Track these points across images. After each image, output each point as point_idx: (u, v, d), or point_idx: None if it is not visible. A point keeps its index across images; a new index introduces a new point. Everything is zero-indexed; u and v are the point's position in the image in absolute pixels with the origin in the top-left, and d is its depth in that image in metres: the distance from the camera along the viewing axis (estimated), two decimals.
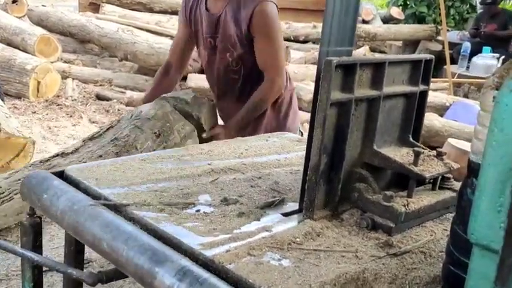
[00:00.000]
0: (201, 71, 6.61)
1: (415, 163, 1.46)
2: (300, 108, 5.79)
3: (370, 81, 1.48)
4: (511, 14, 8.75)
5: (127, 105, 6.64)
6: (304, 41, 8.24)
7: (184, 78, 6.55)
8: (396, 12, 10.38)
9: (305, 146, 1.97)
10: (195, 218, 1.44)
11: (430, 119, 5.12)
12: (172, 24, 7.89)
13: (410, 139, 1.61)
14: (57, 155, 2.56)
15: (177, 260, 1.24)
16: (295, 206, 1.55)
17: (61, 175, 1.65)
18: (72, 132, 6.33)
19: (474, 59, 7.08)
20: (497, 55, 6.93)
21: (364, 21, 9.78)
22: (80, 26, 7.65)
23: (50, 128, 6.38)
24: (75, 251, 1.69)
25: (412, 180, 1.47)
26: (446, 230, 1.47)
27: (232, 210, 1.49)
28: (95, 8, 9.35)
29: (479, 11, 9.97)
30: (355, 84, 1.42)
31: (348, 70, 1.41)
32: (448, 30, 9.39)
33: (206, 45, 2.91)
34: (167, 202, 1.50)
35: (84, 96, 7.07)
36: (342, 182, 1.47)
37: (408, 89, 1.58)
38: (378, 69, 1.48)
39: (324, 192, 1.46)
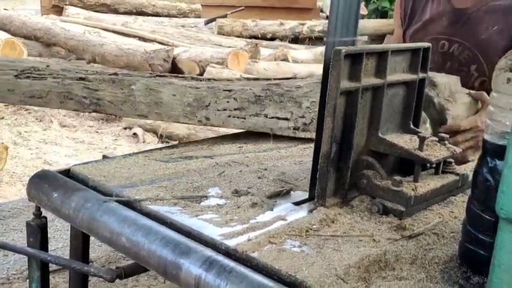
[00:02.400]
0: (172, 71, 6.61)
1: (421, 148, 1.49)
2: None
3: (375, 69, 1.51)
4: None
5: None
6: (272, 38, 8.28)
7: None
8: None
9: (299, 139, 2.01)
10: (209, 210, 1.45)
11: None
12: (139, 25, 7.84)
13: (411, 126, 1.65)
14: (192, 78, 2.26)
15: (201, 250, 1.25)
16: (304, 195, 1.57)
17: (67, 174, 1.64)
18: (43, 136, 6.25)
19: None
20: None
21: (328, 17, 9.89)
22: (45, 29, 7.55)
23: (20, 134, 6.28)
24: (82, 249, 1.68)
25: (418, 165, 1.51)
26: (452, 212, 1.52)
27: (245, 201, 1.50)
28: (58, 10, 9.22)
29: None
30: (362, 73, 1.45)
31: (355, 59, 1.44)
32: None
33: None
34: (180, 196, 1.51)
35: None
36: (350, 170, 1.50)
37: (408, 77, 1.62)
38: (381, 57, 1.51)
39: (333, 180, 1.49)
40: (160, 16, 8.98)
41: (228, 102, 2.04)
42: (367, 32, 8.88)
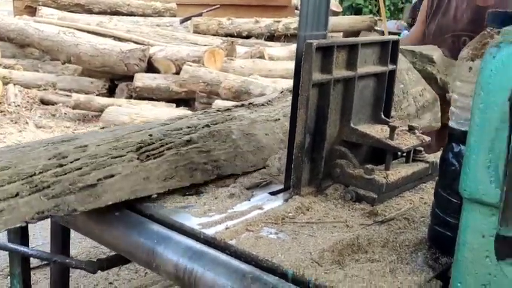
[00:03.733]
0: (148, 70, 6.61)
1: (391, 137, 1.55)
2: None
3: (346, 62, 1.57)
4: None
5: (74, 108, 6.54)
6: (248, 36, 8.31)
7: (132, 78, 6.52)
8: (334, 5, 10.61)
9: None
10: (188, 202, 1.49)
11: None
12: (114, 24, 7.80)
13: (382, 116, 1.71)
14: (242, 105, 2.06)
15: (181, 240, 1.29)
16: (280, 186, 1.62)
17: None
18: (19, 138, 6.20)
19: None
20: None
21: None
22: (18, 30, 7.47)
23: None
24: (62, 244, 1.71)
25: (389, 154, 1.57)
26: (422, 198, 1.58)
27: (223, 192, 1.54)
28: (32, 11, 9.12)
29: (413, 0, 10.32)
30: (333, 65, 1.50)
31: (326, 52, 1.49)
32: (382, 20, 9.70)
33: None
34: None
35: (27, 102, 6.92)
36: (324, 160, 1.54)
37: (379, 69, 1.67)
38: (352, 50, 1.57)
39: (308, 169, 1.53)
40: (135, 15, 8.94)
41: None
42: (342, 29, 8.96)
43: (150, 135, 1.64)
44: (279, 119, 1.92)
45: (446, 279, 1.20)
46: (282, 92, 2.21)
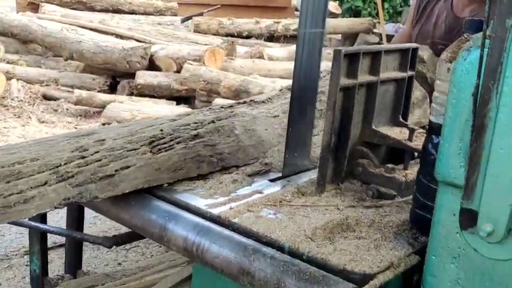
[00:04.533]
0: (150, 68, 6.75)
1: (410, 139, 1.67)
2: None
3: (369, 68, 1.68)
4: None
5: (76, 104, 6.67)
6: (248, 37, 8.45)
7: (134, 75, 6.65)
8: (334, 7, 10.76)
9: None
10: (195, 186, 1.65)
11: None
12: (117, 22, 7.94)
13: (400, 119, 1.82)
14: (244, 102, 2.21)
15: (189, 217, 1.45)
16: (278, 174, 1.78)
17: None
18: (22, 132, 6.33)
19: None
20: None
21: None
22: (22, 26, 7.59)
23: None
24: (77, 221, 1.85)
25: (408, 154, 1.69)
26: None
27: (226, 178, 1.70)
28: (34, 7, 9.24)
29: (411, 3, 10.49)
30: (359, 71, 1.62)
31: (352, 58, 1.60)
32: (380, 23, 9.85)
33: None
34: None
35: (30, 97, 7.04)
36: (347, 159, 1.67)
37: (399, 74, 1.78)
38: (375, 57, 1.68)
39: (332, 168, 1.65)
40: (136, 14, 9.07)
41: None
42: (341, 31, 9.11)
43: (161, 130, 1.79)
44: (278, 115, 2.07)
45: (423, 255, 1.36)
46: (281, 89, 2.36)
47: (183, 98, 6.67)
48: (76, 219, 1.88)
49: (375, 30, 9.10)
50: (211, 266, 1.38)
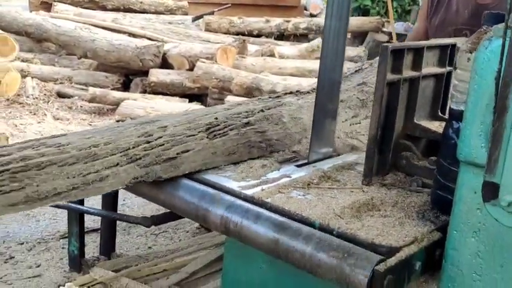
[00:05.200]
0: (162, 66, 6.86)
1: None
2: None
3: (412, 63, 1.75)
4: None
5: (90, 101, 6.77)
6: (258, 35, 8.55)
7: (147, 73, 6.76)
8: None
9: None
10: (228, 170, 1.76)
11: None
12: (129, 21, 8.06)
13: (439, 113, 1.90)
14: (291, 93, 2.35)
15: (225, 198, 1.55)
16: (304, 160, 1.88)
17: None
18: (39, 129, 6.44)
19: None
20: None
21: (312, 15, 10.23)
22: (36, 25, 7.71)
23: (16, 126, 6.47)
24: (112, 202, 1.96)
25: None
26: None
27: (256, 163, 1.81)
28: (47, 7, 9.36)
29: (420, 3, 10.56)
30: (403, 66, 1.69)
31: (397, 54, 1.68)
32: (389, 21, 9.92)
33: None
34: None
35: (45, 94, 7.16)
36: (391, 152, 1.74)
37: (438, 70, 1.86)
38: (417, 53, 1.76)
39: (377, 160, 1.72)
40: (147, 13, 9.19)
41: None
42: (350, 29, 9.15)
43: (216, 118, 1.98)
44: None
45: (444, 232, 1.47)
46: None
47: (195, 96, 6.77)
48: (111, 203, 1.99)
49: (384, 29, 9.17)
50: (248, 241, 1.49)
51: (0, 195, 1.43)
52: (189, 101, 6.54)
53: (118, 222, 2.25)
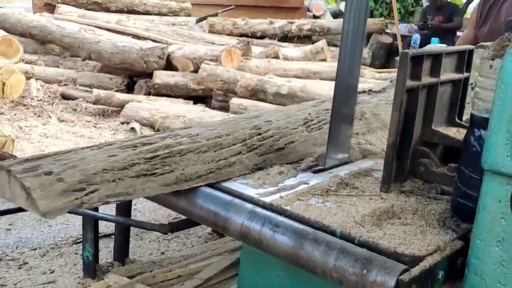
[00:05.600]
0: (166, 68, 6.85)
1: None
2: (264, 100, 6.14)
3: (430, 69, 1.74)
4: (455, 6, 9.37)
5: (94, 103, 6.77)
6: (261, 37, 8.55)
7: (151, 75, 6.76)
8: None
9: None
10: (245, 177, 1.75)
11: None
12: (133, 23, 8.05)
13: (457, 119, 1.89)
14: (364, 92, 2.49)
15: (243, 205, 1.54)
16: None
17: None
18: (44, 131, 6.43)
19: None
20: (444, 45, 7.41)
21: (315, 17, 10.22)
22: (40, 27, 7.72)
23: (21, 128, 6.46)
24: (126, 211, 1.95)
25: None
26: None
27: (273, 170, 1.80)
28: (50, 8, 9.36)
29: (424, 4, 10.56)
30: (422, 72, 1.68)
31: (416, 60, 1.66)
32: (393, 23, 9.92)
33: None
34: None
35: (49, 96, 7.16)
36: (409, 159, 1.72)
37: (456, 76, 1.85)
38: (436, 59, 1.75)
39: (395, 167, 1.71)
40: (151, 14, 9.18)
41: None
42: None
43: (310, 113, 2.23)
44: None
45: (466, 240, 1.46)
46: (391, 81, 2.53)
47: (200, 98, 6.77)
48: (125, 208, 1.98)
49: (387, 31, 9.18)
50: (268, 250, 1.48)
51: (156, 176, 1.64)
52: (194, 103, 6.54)
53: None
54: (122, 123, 6.71)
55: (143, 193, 1.59)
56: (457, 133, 1.80)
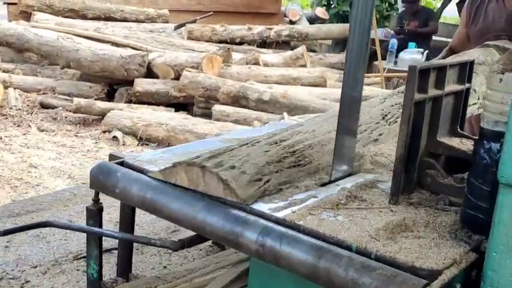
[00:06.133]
0: (147, 75, 6.81)
1: None
2: (246, 106, 6.15)
3: (435, 82, 1.75)
4: (431, 11, 9.51)
5: (75, 112, 6.70)
6: (240, 43, 8.56)
7: (131, 83, 6.71)
8: (321, 12, 10.92)
9: None
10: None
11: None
12: (112, 30, 7.99)
13: (459, 130, 1.91)
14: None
15: (258, 220, 1.54)
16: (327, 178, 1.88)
17: (122, 164, 1.90)
18: (24, 141, 6.34)
19: (401, 54, 7.66)
20: (421, 50, 7.54)
21: (292, 22, 10.26)
22: (17, 35, 7.61)
23: (1, 138, 6.36)
24: (130, 226, 1.94)
25: None
26: None
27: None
28: (26, 16, 9.24)
29: (400, 9, 10.68)
30: (429, 85, 1.70)
31: (423, 73, 1.67)
32: (372, 28, 10.01)
33: None
34: None
35: (28, 105, 7.06)
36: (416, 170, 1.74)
37: (458, 87, 1.87)
38: (440, 71, 1.76)
39: (403, 179, 1.71)
40: (128, 21, 9.11)
41: None
42: (332, 36, 9.27)
43: (382, 109, 2.40)
44: None
45: (478, 252, 1.48)
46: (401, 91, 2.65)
47: (181, 105, 6.75)
48: (129, 224, 1.96)
49: None
50: (284, 266, 1.48)
51: (303, 167, 1.90)
52: (175, 111, 6.52)
53: None
54: (104, 131, 6.65)
55: (298, 181, 1.82)
56: (461, 144, 1.82)
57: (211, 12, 9.07)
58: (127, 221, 1.95)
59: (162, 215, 1.70)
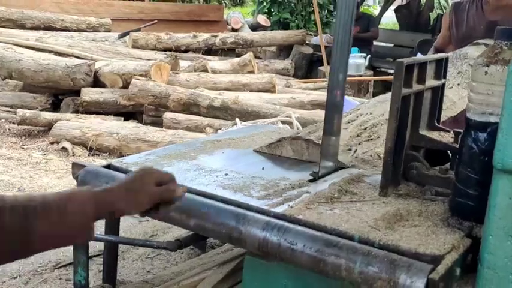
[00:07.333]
0: (94, 84, 6.70)
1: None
2: (198, 113, 6.15)
3: (417, 77, 1.81)
4: (371, 17, 9.78)
5: (19, 124, 6.50)
6: (186, 51, 8.54)
7: (78, 93, 6.58)
8: (262, 19, 11.03)
9: None
10: (250, 189, 1.76)
11: (320, 115, 5.68)
12: (55, 40, 7.80)
13: (436, 123, 1.97)
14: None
15: (258, 216, 1.56)
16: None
17: (108, 167, 1.88)
18: None
19: None
20: (364, 54, 7.75)
21: (234, 29, 10.31)
22: None
23: None
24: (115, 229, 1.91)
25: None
26: None
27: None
28: None
29: None
30: (413, 80, 1.75)
31: (408, 69, 1.73)
32: (311, 34, 10.20)
33: None
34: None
35: None
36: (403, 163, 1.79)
37: (436, 82, 1.94)
38: (422, 67, 1.82)
39: (391, 172, 1.76)
40: (69, 31, 8.93)
41: None
42: (277, 43, 9.37)
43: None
44: (452, 87, 2.52)
45: (471, 237, 1.55)
46: None
47: (130, 114, 6.66)
48: (115, 228, 1.93)
49: (307, 42, 9.43)
50: (289, 260, 1.50)
51: (375, 140, 2.24)
52: (124, 119, 6.43)
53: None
54: (52, 143, 6.49)
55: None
56: (440, 136, 1.90)
57: (156, 21, 9.02)
58: (112, 225, 1.92)
59: (156, 216, 1.68)
